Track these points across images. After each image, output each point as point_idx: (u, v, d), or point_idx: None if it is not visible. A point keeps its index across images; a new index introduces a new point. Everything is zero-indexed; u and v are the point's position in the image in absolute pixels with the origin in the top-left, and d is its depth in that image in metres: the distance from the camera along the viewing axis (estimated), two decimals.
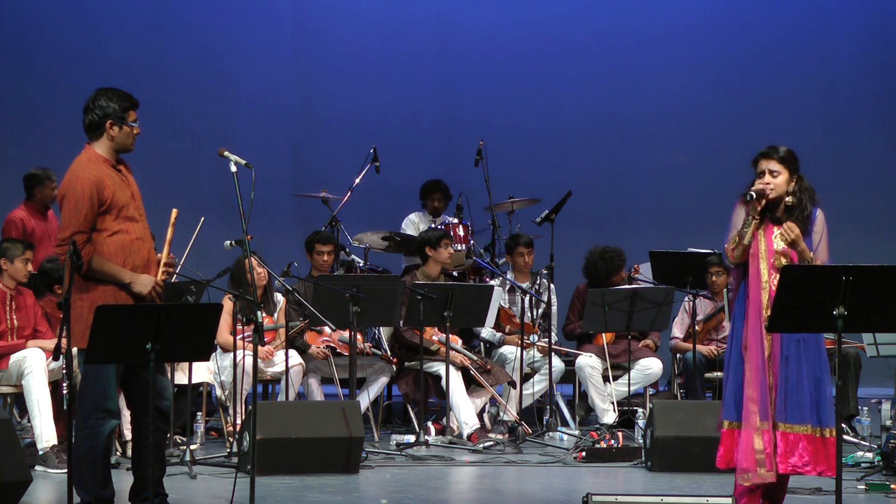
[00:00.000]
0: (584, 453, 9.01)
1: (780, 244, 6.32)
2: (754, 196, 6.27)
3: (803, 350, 6.30)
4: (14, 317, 8.82)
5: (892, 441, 8.25)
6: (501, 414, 10.22)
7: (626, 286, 10.63)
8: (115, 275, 6.23)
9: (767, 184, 6.31)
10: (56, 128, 12.39)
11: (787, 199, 6.34)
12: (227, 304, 9.26)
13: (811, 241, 6.36)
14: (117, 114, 6.33)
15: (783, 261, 6.28)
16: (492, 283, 10.68)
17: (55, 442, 8.26)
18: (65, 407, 5.97)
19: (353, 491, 7.84)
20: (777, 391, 6.27)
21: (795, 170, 6.38)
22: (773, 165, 6.34)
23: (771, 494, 6.43)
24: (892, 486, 7.84)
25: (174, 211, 6.44)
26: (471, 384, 10.03)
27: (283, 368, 9.57)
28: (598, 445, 9.15)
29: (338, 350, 9.99)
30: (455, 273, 11.10)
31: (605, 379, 10.57)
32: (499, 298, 10.61)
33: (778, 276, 6.13)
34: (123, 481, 6.63)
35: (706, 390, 10.68)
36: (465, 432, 9.73)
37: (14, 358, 8.62)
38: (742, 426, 6.29)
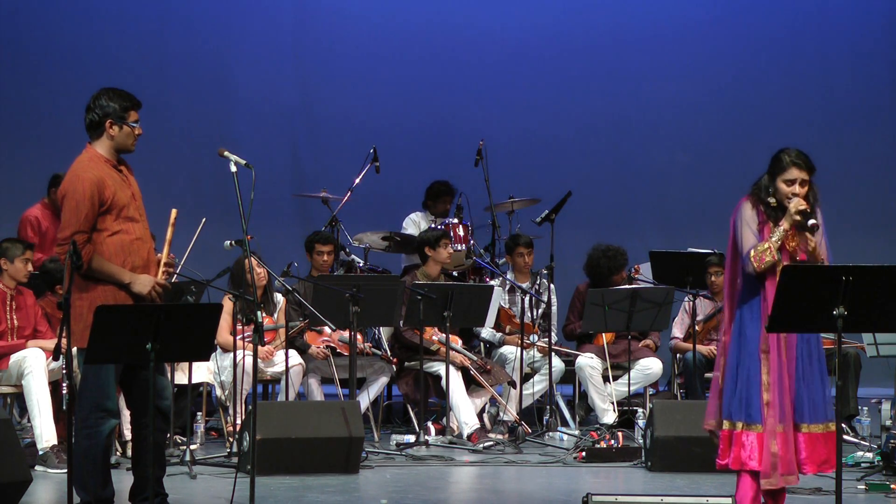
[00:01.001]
0: (584, 453, 9.01)
1: (795, 200, 6.32)
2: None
3: (812, 347, 6.34)
4: (14, 317, 8.82)
5: (892, 441, 8.25)
6: (501, 414, 10.22)
7: (626, 286, 10.64)
8: (114, 275, 6.23)
9: (797, 195, 6.30)
10: (58, 128, 12.39)
11: (812, 223, 6.33)
12: (227, 304, 9.26)
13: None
14: (117, 113, 6.33)
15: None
16: (492, 283, 10.68)
17: (55, 442, 8.26)
18: (65, 407, 5.97)
19: (353, 491, 7.84)
20: (794, 393, 6.27)
21: (812, 176, 6.41)
22: (806, 176, 6.33)
23: (772, 494, 6.43)
24: (892, 486, 7.84)
25: (174, 211, 6.44)
26: (471, 384, 10.03)
27: (283, 368, 9.57)
28: (598, 445, 9.15)
29: (338, 350, 9.99)
30: (455, 273, 11.10)
31: (605, 379, 10.57)
32: (499, 298, 10.61)
33: None
34: (123, 481, 6.64)
35: (706, 390, 10.66)
36: (465, 432, 9.73)
37: (14, 358, 8.62)
38: (759, 429, 6.27)
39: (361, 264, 11.09)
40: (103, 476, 6.32)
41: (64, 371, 5.94)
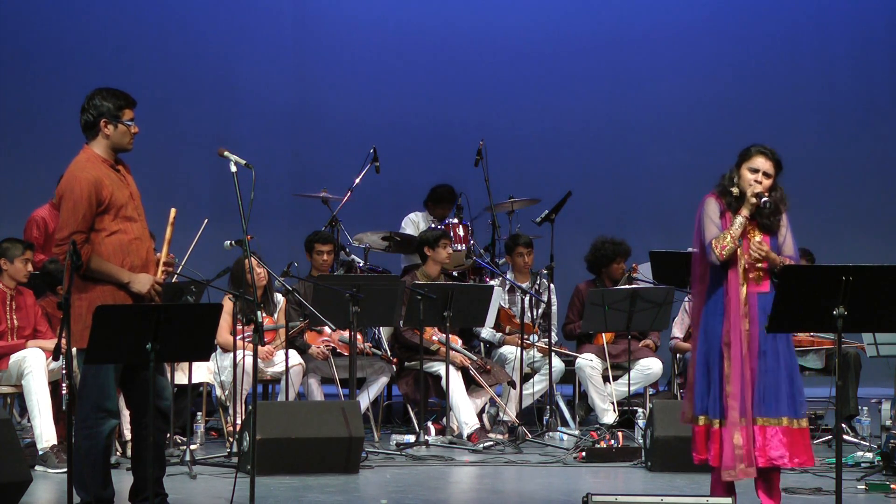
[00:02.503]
0: (584, 453, 9.01)
1: (755, 241, 6.36)
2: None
3: (778, 343, 6.35)
4: (14, 317, 8.82)
5: (892, 441, 8.25)
6: (501, 414, 10.22)
7: (626, 286, 10.64)
8: (113, 275, 6.23)
9: (760, 182, 6.36)
10: (60, 129, 12.38)
11: (764, 200, 6.38)
12: (227, 304, 9.26)
13: (776, 240, 6.40)
14: (112, 112, 6.33)
15: (760, 254, 6.31)
16: (492, 283, 10.68)
17: (55, 442, 8.26)
18: (64, 407, 5.98)
19: (353, 491, 7.84)
20: (755, 386, 6.31)
21: (778, 175, 6.45)
22: (770, 168, 6.42)
23: (765, 489, 6.45)
24: (892, 486, 7.84)
25: (173, 210, 6.44)
26: (471, 384, 10.03)
27: (283, 368, 9.58)
28: (598, 445, 9.15)
29: (338, 350, 9.99)
30: (455, 273, 11.10)
31: (605, 379, 10.57)
32: (499, 298, 10.61)
33: (754, 271, 6.25)
34: (123, 481, 6.64)
35: None
36: (465, 432, 9.73)
37: (14, 358, 8.62)
38: (725, 423, 6.31)
39: (361, 264, 11.08)
40: (103, 476, 6.32)
41: (64, 371, 5.94)
